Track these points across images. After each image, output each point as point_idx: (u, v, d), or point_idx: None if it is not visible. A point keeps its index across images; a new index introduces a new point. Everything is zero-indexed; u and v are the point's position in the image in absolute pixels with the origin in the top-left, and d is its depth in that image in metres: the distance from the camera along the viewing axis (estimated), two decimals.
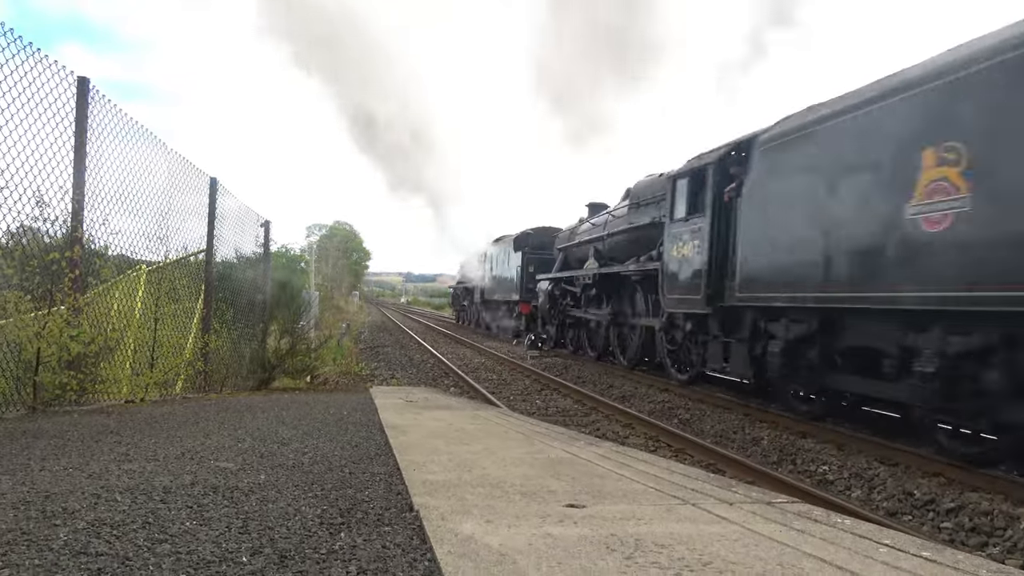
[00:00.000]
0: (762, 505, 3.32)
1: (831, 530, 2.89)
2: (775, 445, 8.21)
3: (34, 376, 5.36)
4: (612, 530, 2.74)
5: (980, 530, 5.36)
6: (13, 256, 5.23)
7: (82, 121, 5.72)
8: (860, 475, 6.84)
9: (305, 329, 13.35)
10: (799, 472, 7.19)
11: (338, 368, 14.54)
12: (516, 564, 2.31)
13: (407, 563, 2.34)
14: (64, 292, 5.51)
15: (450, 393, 11.53)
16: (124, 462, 3.68)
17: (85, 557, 2.22)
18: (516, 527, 2.74)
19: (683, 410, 10.61)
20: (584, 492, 3.41)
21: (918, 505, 5.98)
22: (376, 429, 5.29)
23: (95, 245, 6.20)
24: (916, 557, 2.52)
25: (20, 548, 2.25)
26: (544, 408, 11.08)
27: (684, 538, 2.67)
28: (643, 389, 12.78)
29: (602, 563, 2.35)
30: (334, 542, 2.53)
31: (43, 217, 5.40)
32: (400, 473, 3.71)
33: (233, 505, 2.93)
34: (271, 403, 6.91)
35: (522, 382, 14.36)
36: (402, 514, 2.93)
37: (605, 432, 8.95)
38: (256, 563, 2.28)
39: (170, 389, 7.61)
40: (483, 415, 6.79)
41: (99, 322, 6.25)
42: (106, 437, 4.41)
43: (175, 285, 8.11)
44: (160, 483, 3.23)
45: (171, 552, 2.31)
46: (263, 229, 11.71)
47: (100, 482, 3.19)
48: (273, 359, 10.28)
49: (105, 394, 6.38)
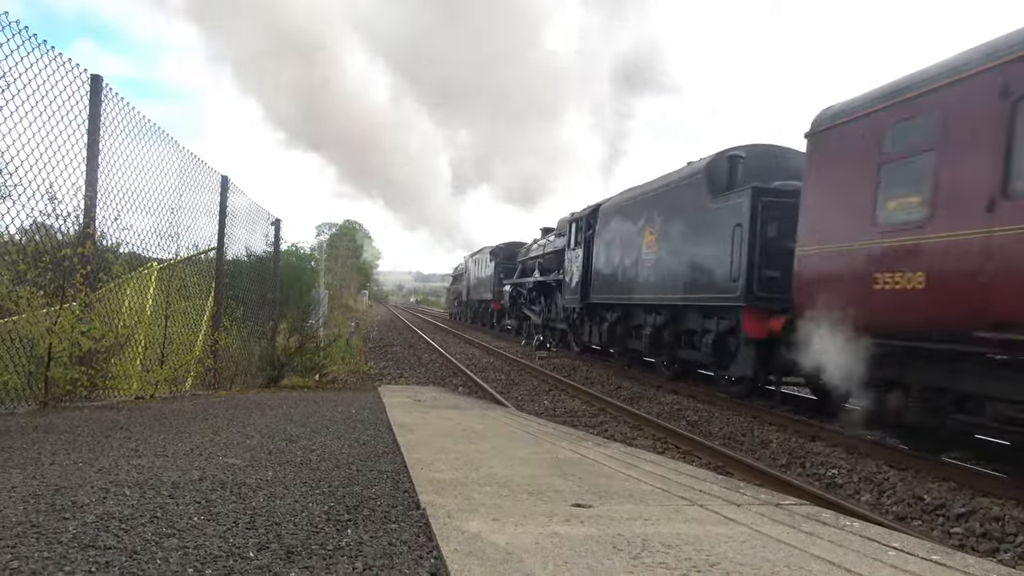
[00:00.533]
0: (770, 507, 3.30)
1: (840, 532, 2.87)
2: (784, 448, 8.17)
3: (46, 371, 5.39)
4: (619, 530, 2.73)
5: (991, 536, 5.31)
6: (26, 252, 5.27)
7: (95, 119, 5.76)
8: (870, 479, 6.80)
9: (314, 327, 13.39)
10: (808, 475, 7.15)
11: (347, 367, 14.56)
12: (522, 562, 2.30)
13: (413, 560, 2.34)
14: (76, 288, 5.55)
15: (458, 393, 11.54)
16: (133, 457, 3.70)
17: (94, 550, 2.23)
18: (523, 526, 2.74)
19: (691, 412, 10.58)
20: (591, 492, 3.40)
21: (928, 510, 5.93)
22: (384, 427, 5.30)
23: (107, 242, 6.24)
24: (925, 561, 2.50)
25: (30, 541, 2.27)
26: (552, 409, 11.06)
27: (691, 539, 2.66)
28: (651, 391, 12.75)
29: (608, 562, 2.34)
30: (341, 538, 2.53)
31: (56, 213, 5.45)
32: (407, 471, 3.71)
33: (241, 501, 2.94)
34: (280, 401, 6.94)
35: (530, 382, 14.35)
36: (409, 512, 2.94)
37: (613, 433, 8.93)
38: (263, 558, 2.28)
39: (180, 386, 7.65)
40: (491, 415, 6.79)
41: (110, 318, 6.29)
42: (116, 433, 4.44)
43: (186, 282, 8.16)
44: (169, 478, 3.24)
45: (179, 546, 2.33)
46: (273, 227, 11.76)
47: (109, 477, 3.21)
48: (282, 357, 10.31)
49: (115, 390, 6.42)
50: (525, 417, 7.46)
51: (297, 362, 10.60)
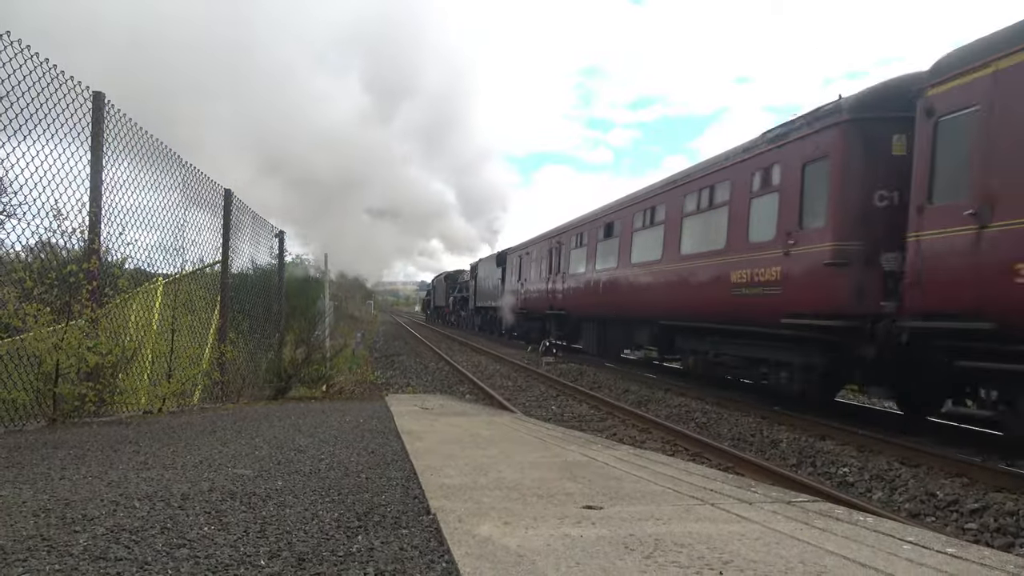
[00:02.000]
0: (782, 504, 3.28)
1: (853, 528, 2.85)
2: (794, 447, 8.13)
3: (53, 388, 5.40)
4: (631, 530, 2.72)
5: (1006, 531, 5.26)
6: (32, 268, 5.29)
7: (98, 135, 5.79)
8: (881, 476, 6.75)
9: (320, 338, 13.40)
10: (819, 474, 7.11)
11: (354, 377, 14.57)
12: (535, 565, 2.29)
13: (425, 564, 2.33)
14: (82, 304, 5.56)
15: (465, 400, 11.52)
16: (142, 470, 3.70)
17: (104, 562, 2.23)
18: (534, 528, 2.73)
19: (700, 414, 10.54)
20: (601, 494, 3.39)
21: (941, 506, 5.89)
22: (392, 435, 5.29)
23: (112, 258, 6.27)
24: (941, 554, 2.48)
25: (41, 554, 2.27)
26: (560, 414, 11.04)
27: (704, 537, 2.64)
28: (659, 394, 12.71)
29: (621, 563, 2.32)
30: (352, 545, 2.52)
31: (61, 230, 5.48)
32: (417, 477, 3.70)
33: (251, 510, 2.94)
34: (287, 412, 6.94)
35: (538, 388, 14.33)
36: (419, 517, 2.92)
37: (622, 437, 8.90)
38: (274, 566, 2.28)
39: (188, 399, 7.66)
40: (498, 421, 6.78)
41: (116, 333, 6.30)
42: (124, 447, 4.44)
43: (192, 296, 8.17)
44: (178, 490, 3.24)
45: (189, 556, 2.32)
46: (277, 240, 11.79)
47: (119, 490, 3.21)
48: (289, 369, 10.32)
49: (124, 405, 6.43)
50: (533, 422, 7.44)
51: (304, 373, 10.62)
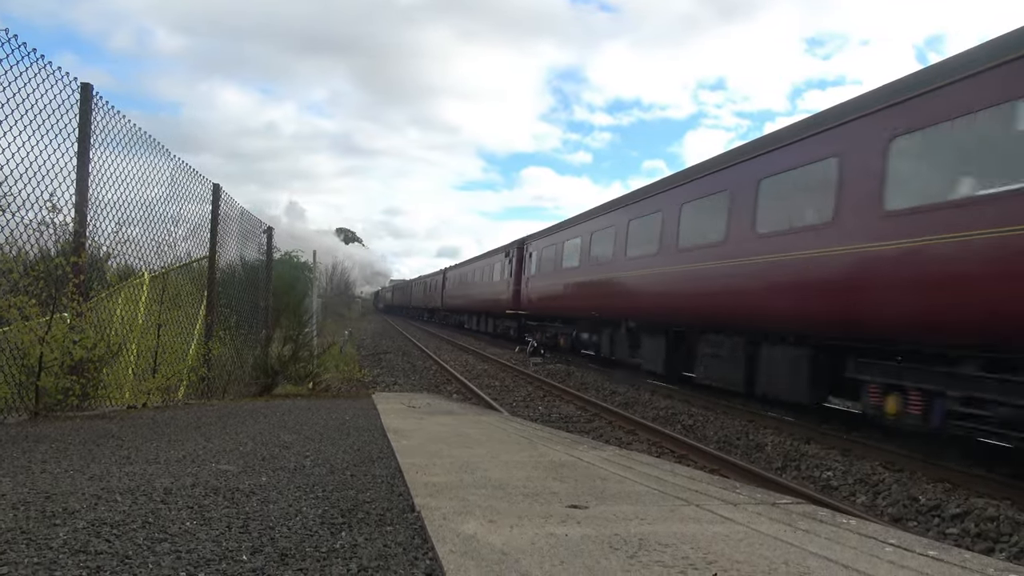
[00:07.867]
0: (767, 506, 3.29)
1: (836, 530, 2.86)
2: (779, 451, 8.17)
3: (36, 381, 5.35)
4: (615, 530, 2.72)
5: (986, 535, 5.31)
6: (18, 262, 5.23)
7: (85, 127, 5.73)
8: (864, 480, 6.80)
9: (308, 336, 13.34)
10: (804, 477, 7.14)
11: (341, 374, 14.49)
12: (519, 563, 2.29)
13: (408, 561, 2.32)
14: (68, 297, 5.51)
15: (452, 399, 11.50)
16: (125, 464, 3.67)
17: (84, 555, 2.21)
18: (519, 527, 2.72)
19: (686, 416, 10.57)
20: (587, 493, 3.39)
21: (923, 511, 5.93)
22: (378, 433, 5.27)
23: (98, 251, 6.21)
24: (922, 556, 2.50)
25: (19, 547, 2.24)
26: (547, 414, 11.04)
27: (688, 537, 2.65)
28: (646, 396, 12.74)
29: (605, 562, 2.33)
30: (335, 541, 2.51)
31: (47, 223, 5.42)
32: (402, 475, 3.69)
33: (234, 505, 2.92)
34: (273, 409, 6.90)
35: (525, 388, 14.32)
36: (404, 514, 2.92)
37: (608, 438, 8.91)
38: (256, 561, 2.26)
39: (172, 395, 7.60)
40: (485, 420, 6.77)
41: (102, 327, 6.24)
42: (107, 441, 4.40)
43: (178, 291, 8.11)
44: (161, 484, 3.22)
45: (171, 551, 2.30)
46: (266, 235, 11.73)
47: (100, 484, 3.18)
48: (276, 365, 10.25)
49: (108, 399, 6.37)
50: (519, 422, 7.44)
51: (291, 370, 10.54)
